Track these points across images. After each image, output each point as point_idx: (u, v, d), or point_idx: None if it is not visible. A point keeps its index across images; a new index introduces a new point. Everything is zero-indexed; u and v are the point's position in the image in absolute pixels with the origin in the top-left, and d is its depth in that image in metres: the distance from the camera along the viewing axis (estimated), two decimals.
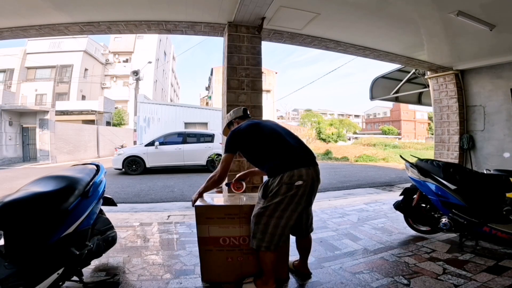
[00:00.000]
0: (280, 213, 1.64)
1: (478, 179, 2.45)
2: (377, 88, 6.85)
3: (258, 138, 1.80)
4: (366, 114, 59.48)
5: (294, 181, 1.62)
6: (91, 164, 2.11)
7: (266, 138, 1.78)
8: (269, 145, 1.76)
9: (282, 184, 1.62)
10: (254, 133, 1.82)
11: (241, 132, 1.84)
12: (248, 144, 1.81)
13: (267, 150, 1.76)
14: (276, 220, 1.64)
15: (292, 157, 1.69)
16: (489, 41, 3.83)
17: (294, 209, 1.65)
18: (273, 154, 1.73)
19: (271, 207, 1.64)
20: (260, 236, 1.66)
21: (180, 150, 9.24)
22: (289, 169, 1.64)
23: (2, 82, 21.21)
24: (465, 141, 5.00)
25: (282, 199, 1.63)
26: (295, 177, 1.62)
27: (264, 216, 1.66)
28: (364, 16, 3.23)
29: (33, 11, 2.99)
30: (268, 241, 1.65)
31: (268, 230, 1.65)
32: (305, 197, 1.67)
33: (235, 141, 1.83)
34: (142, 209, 4.29)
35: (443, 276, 1.95)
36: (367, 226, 3.09)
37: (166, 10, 3.08)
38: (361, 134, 38.74)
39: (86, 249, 1.67)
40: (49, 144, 13.08)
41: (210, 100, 31.72)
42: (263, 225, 1.66)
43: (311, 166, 1.70)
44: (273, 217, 1.64)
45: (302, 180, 1.63)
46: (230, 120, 2.10)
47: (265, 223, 1.65)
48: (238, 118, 2.07)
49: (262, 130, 1.82)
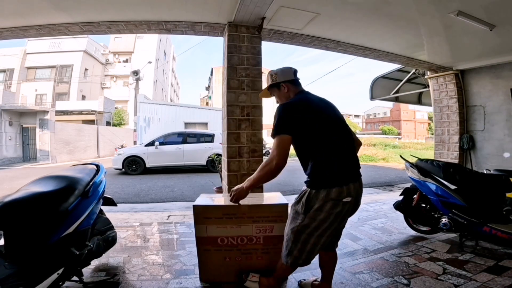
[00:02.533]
0: (322, 231, 1.43)
1: (478, 179, 2.45)
2: (377, 88, 6.84)
3: (314, 124, 1.42)
4: (366, 114, 59.48)
5: (342, 197, 1.39)
6: (91, 164, 2.11)
7: (322, 131, 1.43)
8: (323, 142, 1.43)
9: (329, 200, 1.39)
10: (311, 115, 1.44)
11: (292, 105, 1.46)
12: (303, 129, 1.42)
13: (318, 147, 1.43)
14: (317, 238, 1.44)
15: (344, 168, 1.44)
16: (489, 41, 3.82)
17: (337, 226, 1.47)
18: (325, 157, 1.42)
19: (314, 224, 1.42)
20: (297, 254, 1.48)
21: (180, 150, 9.24)
22: (339, 184, 1.39)
23: (2, 82, 21.22)
24: (465, 141, 5.00)
25: (326, 216, 1.40)
26: (344, 194, 1.39)
27: (304, 233, 1.44)
28: (364, 16, 3.23)
29: (33, 11, 2.99)
30: (305, 259, 1.48)
31: (306, 248, 1.46)
32: (349, 213, 1.49)
33: (293, 118, 1.41)
34: (142, 209, 4.29)
35: (443, 276, 1.95)
36: (367, 226, 3.09)
37: (166, 10, 3.08)
38: (361, 134, 38.74)
39: (86, 249, 1.67)
40: (49, 144, 13.08)
41: (210, 100, 31.76)
42: (301, 243, 1.46)
43: (358, 180, 1.48)
44: (314, 235, 1.43)
45: (351, 196, 1.41)
46: (276, 81, 1.61)
47: (303, 241, 1.46)
48: (289, 82, 1.61)
49: (324, 111, 1.48)
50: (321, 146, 1.42)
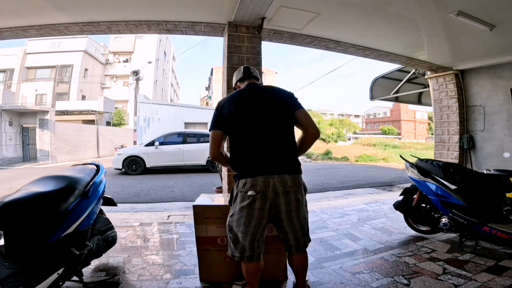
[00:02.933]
0: (238, 224, 1.47)
1: (478, 179, 2.45)
2: (377, 88, 6.84)
3: (233, 117, 1.48)
4: (366, 114, 59.47)
5: (246, 190, 1.43)
6: (91, 164, 2.11)
7: (241, 124, 1.49)
8: (239, 134, 1.50)
9: (239, 192, 1.48)
10: (232, 107, 1.50)
11: (220, 102, 1.58)
12: (226, 124, 1.51)
13: (235, 140, 1.52)
14: (237, 230, 1.49)
15: (252, 161, 1.45)
16: (489, 41, 3.82)
17: (256, 224, 1.45)
18: (239, 149, 1.49)
19: (235, 216, 1.50)
20: (231, 245, 1.54)
21: (180, 150, 9.24)
22: (245, 176, 1.45)
23: (2, 82, 21.21)
24: (465, 141, 5.00)
25: (239, 209, 1.47)
26: (247, 186, 1.43)
27: (232, 226, 1.52)
28: (364, 16, 3.23)
29: (33, 11, 2.99)
30: (240, 252, 1.51)
31: (236, 240, 1.51)
32: (266, 211, 1.44)
33: (218, 114, 1.54)
34: (142, 209, 4.29)
35: (443, 276, 1.95)
36: (367, 226, 3.09)
37: (166, 10, 3.08)
38: (361, 134, 38.73)
39: (86, 249, 1.67)
40: (49, 144, 13.08)
41: (210, 100, 31.73)
42: (231, 235, 1.54)
43: (275, 174, 1.43)
44: (239, 227, 1.48)
45: (255, 190, 1.42)
46: (233, 85, 1.78)
47: (231, 232, 1.53)
48: (239, 81, 1.72)
49: (243, 106, 1.50)
50: (237, 139, 1.51)
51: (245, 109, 1.49)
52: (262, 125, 1.48)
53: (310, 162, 14.15)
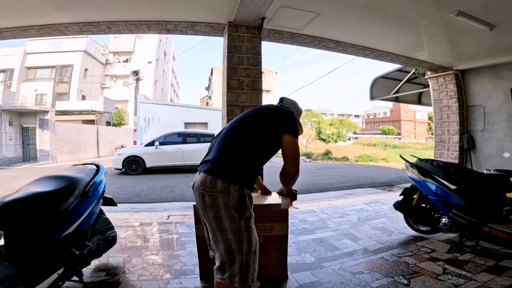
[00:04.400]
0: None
1: (478, 179, 2.45)
2: (377, 88, 6.84)
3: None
4: (366, 114, 59.47)
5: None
6: (91, 164, 2.11)
7: (222, 130, 1.57)
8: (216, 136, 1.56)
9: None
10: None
11: None
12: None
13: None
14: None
15: (205, 157, 1.44)
16: (489, 41, 3.82)
17: (203, 221, 1.41)
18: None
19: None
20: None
21: (180, 150, 9.24)
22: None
23: (2, 82, 21.21)
24: (465, 141, 5.00)
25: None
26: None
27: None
28: (364, 16, 3.23)
29: (33, 11, 2.99)
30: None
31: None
32: (201, 207, 1.34)
33: None
34: (142, 209, 4.29)
35: (443, 276, 1.95)
36: (367, 226, 3.09)
37: (166, 10, 3.08)
38: (361, 134, 38.71)
39: (86, 249, 1.67)
40: (49, 144, 13.08)
41: (210, 100, 31.73)
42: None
43: (201, 171, 1.36)
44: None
45: (192, 183, 1.41)
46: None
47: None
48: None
49: (232, 120, 1.56)
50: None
51: (235, 120, 1.51)
52: (232, 131, 1.43)
53: (310, 162, 14.15)
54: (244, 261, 1.28)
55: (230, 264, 1.28)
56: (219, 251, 1.30)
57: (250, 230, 1.33)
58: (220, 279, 1.29)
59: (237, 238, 1.28)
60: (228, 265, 1.28)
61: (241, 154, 1.35)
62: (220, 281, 1.29)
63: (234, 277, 1.27)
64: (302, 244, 2.58)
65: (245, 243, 1.29)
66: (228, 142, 1.39)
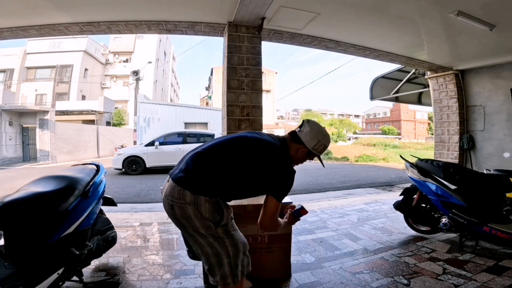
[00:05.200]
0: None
1: (478, 179, 2.45)
2: (377, 88, 6.84)
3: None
4: (366, 114, 59.49)
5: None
6: (91, 164, 2.11)
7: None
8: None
9: None
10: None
11: None
12: None
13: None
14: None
15: (176, 167, 1.40)
16: (489, 41, 3.82)
17: (181, 230, 1.39)
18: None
19: None
20: None
21: (180, 150, 9.23)
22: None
23: (2, 82, 21.22)
24: (465, 141, 5.00)
25: None
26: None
27: None
28: (364, 16, 3.23)
29: (33, 11, 2.99)
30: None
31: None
32: (173, 218, 1.31)
33: None
34: (142, 209, 4.29)
35: (443, 276, 1.95)
36: (367, 226, 3.09)
37: (166, 10, 3.08)
38: (361, 134, 38.72)
39: (86, 249, 1.67)
40: (49, 144, 13.08)
41: (210, 100, 31.70)
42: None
43: (171, 178, 1.31)
44: None
45: (161, 187, 1.38)
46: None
47: None
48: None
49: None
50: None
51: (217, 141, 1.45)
52: (215, 145, 1.38)
53: (310, 162, 14.12)
54: (233, 263, 1.28)
55: (219, 267, 1.27)
56: (205, 255, 1.28)
57: (230, 235, 1.29)
58: (213, 281, 1.30)
59: (219, 242, 1.26)
60: (217, 268, 1.27)
61: (212, 170, 1.28)
62: (214, 284, 1.31)
63: (226, 278, 1.27)
64: (302, 244, 2.58)
65: (229, 246, 1.28)
66: (207, 157, 1.32)
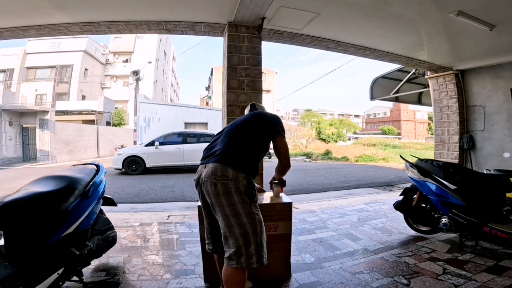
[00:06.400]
0: (203, 213, 1.60)
1: (478, 179, 2.45)
2: (377, 88, 6.85)
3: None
4: (366, 114, 59.46)
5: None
6: (91, 164, 2.11)
7: (222, 129, 1.77)
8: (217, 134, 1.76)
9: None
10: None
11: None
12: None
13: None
14: (204, 219, 1.62)
15: (206, 151, 1.61)
16: (489, 41, 3.82)
17: (205, 212, 1.56)
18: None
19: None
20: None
21: (180, 150, 9.24)
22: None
23: (2, 82, 21.21)
24: (465, 141, 5.00)
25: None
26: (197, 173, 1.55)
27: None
28: (364, 16, 3.23)
29: (33, 11, 2.99)
30: (206, 241, 1.65)
31: (206, 228, 1.64)
32: (201, 198, 1.53)
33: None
34: (142, 209, 4.29)
35: (443, 276, 1.95)
36: (367, 226, 3.09)
37: (166, 10, 3.08)
38: (361, 134, 38.70)
39: (86, 249, 1.67)
40: (49, 144, 13.07)
41: (210, 100, 31.70)
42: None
43: (208, 162, 1.47)
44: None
45: (196, 177, 1.53)
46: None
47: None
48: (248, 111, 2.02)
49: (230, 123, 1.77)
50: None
51: (233, 123, 1.72)
52: (231, 131, 1.61)
53: (310, 162, 14.15)
54: (259, 241, 1.38)
55: (246, 247, 1.36)
56: (234, 236, 1.37)
57: (259, 211, 1.47)
58: (237, 263, 1.35)
59: (250, 221, 1.38)
60: (245, 248, 1.35)
61: (245, 148, 1.52)
62: (236, 267, 1.35)
63: (251, 257, 1.36)
64: (302, 244, 2.58)
65: (258, 224, 1.41)
66: (233, 138, 1.55)
